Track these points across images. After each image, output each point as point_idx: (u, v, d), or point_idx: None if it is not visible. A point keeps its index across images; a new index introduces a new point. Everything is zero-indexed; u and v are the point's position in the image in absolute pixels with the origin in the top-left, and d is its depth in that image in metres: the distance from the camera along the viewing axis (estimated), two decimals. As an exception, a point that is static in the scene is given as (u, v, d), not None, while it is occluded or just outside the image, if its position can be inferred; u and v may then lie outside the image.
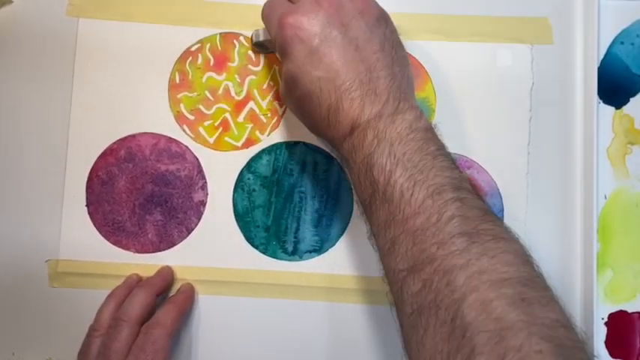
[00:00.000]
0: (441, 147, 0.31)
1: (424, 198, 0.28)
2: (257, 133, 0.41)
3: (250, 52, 0.41)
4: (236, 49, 0.41)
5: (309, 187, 0.40)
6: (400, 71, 0.33)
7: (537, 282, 0.27)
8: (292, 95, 0.34)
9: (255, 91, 0.41)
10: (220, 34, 0.41)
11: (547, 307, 0.26)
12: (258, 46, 0.40)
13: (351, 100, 0.31)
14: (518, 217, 0.40)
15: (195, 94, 0.41)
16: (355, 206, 0.40)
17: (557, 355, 0.24)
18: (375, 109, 0.31)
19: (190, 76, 0.41)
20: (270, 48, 0.40)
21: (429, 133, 0.31)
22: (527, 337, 0.24)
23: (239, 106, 0.41)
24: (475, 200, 0.29)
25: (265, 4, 0.36)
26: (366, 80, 0.31)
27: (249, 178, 0.40)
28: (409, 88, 0.34)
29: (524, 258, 0.28)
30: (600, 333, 0.39)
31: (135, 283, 0.38)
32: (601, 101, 0.41)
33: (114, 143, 0.40)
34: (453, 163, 0.31)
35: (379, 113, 0.31)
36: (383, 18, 0.34)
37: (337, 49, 0.32)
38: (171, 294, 0.39)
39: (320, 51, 0.32)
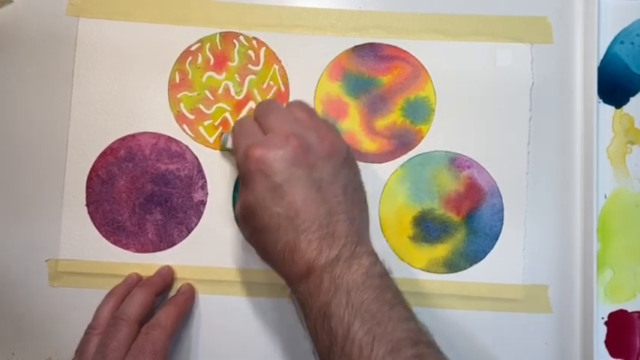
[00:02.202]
0: (397, 294, 0.31)
1: (383, 355, 0.28)
2: (257, 132, 0.41)
3: (250, 52, 0.41)
4: (236, 48, 0.41)
5: (309, 187, 0.40)
6: (359, 215, 0.33)
7: None
8: (248, 225, 0.33)
9: (255, 91, 0.41)
10: (220, 33, 0.41)
11: None
12: (227, 150, 0.39)
13: (309, 241, 0.31)
14: (518, 217, 0.40)
15: (195, 93, 0.41)
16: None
17: None
18: (332, 253, 0.31)
19: (190, 76, 0.41)
20: None
21: (385, 280, 0.31)
22: None
23: (239, 105, 0.41)
24: (434, 355, 0.29)
25: (237, 123, 0.36)
26: (326, 223, 0.31)
27: (249, 178, 0.40)
28: (366, 231, 0.34)
29: None
30: (600, 333, 0.39)
31: (135, 283, 0.38)
32: (601, 101, 0.41)
33: (114, 143, 0.40)
34: (410, 312, 0.31)
35: (336, 257, 0.31)
36: (349, 160, 0.34)
37: (300, 188, 0.31)
38: (171, 294, 0.39)
39: (282, 188, 0.31)
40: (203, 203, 0.40)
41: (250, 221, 0.33)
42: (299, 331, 0.39)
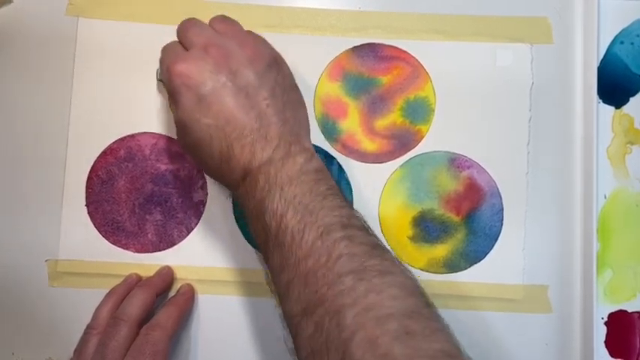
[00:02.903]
0: (331, 186, 0.32)
1: (314, 239, 0.29)
2: (257, 132, 0.40)
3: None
4: (236, 48, 0.41)
5: (308, 187, 0.40)
6: (292, 115, 0.33)
7: (423, 313, 0.27)
8: (184, 141, 0.34)
9: (255, 91, 0.41)
10: (220, 33, 0.41)
11: (431, 337, 0.26)
12: (161, 81, 0.39)
13: (242, 147, 0.32)
14: (518, 217, 0.40)
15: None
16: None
17: None
18: (265, 155, 0.31)
19: (190, 76, 0.41)
20: None
21: (320, 174, 0.32)
22: None
23: (239, 105, 0.41)
24: (364, 237, 0.30)
25: (162, 49, 0.36)
26: (257, 127, 0.32)
27: (248, 178, 0.40)
28: (302, 130, 0.34)
29: (410, 290, 0.28)
30: (600, 333, 0.39)
31: (134, 283, 0.38)
32: (601, 101, 0.41)
33: (113, 143, 0.40)
34: (343, 200, 0.31)
35: (270, 158, 0.31)
36: (275, 63, 0.34)
37: (226, 96, 0.32)
38: (171, 294, 0.39)
39: (208, 99, 0.32)
40: (203, 203, 0.40)
41: (184, 137, 0.33)
42: (299, 331, 0.39)
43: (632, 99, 0.41)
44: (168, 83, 0.33)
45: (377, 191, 0.40)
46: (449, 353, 0.26)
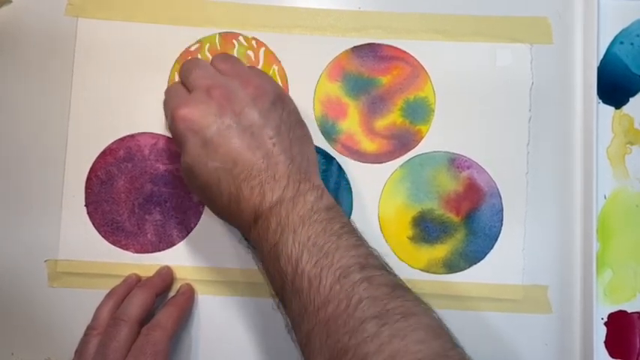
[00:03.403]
0: (345, 224, 0.31)
1: (332, 284, 0.28)
2: (256, 133, 0.40)
3: (250, 52, 0.41)
4: (235, 49, 0.41)
5: (308, 187, 0.40)
6: (300, 152, 0.33)
7: (450, 356, 0.27)
8: (193, 185, 0.34)
9: (255, 91, 0.41)
10: (219, 34, 0.41)
11: None
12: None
13: (251, 188, 0.31)
14: (518, 217, 0.40)
15: (195, 93, 0.41)
16: (355, 205, 0.40)
17: None
18: (275, 195, 0.31)
19: (190, 76, 0.41)
20: None
21: (332, 212, 0.31)
22: None
23: (238, 105, 0.41)
24: (383, 277, 0.29)
25: (165, 91, 0.36)
26: (264, 167, 0.31)
27: (248, 178, 0.40)
28: (310, 166, 0.33)
29: (436, 331, 0.28)
30: (600, 333, 0.39)
31: (134, 283, 0.38)
32: (600, 101, 0.40)
33: (113, 143, 0.40)
34: (358, 238, 0.30)
35: (280, 199, 0.31)
36: (279, 100, 0.34)
37: (232, 138, 0.31)
38: (170, 294, 0.39)
39: (214, 142, 0.31)
40: (202, 203, 0.40)
41: (192, 181, 0.33)
42: (298, 331, 0.39)
43: (632, 99, 0.41)
44: (173, 128, 0.33)
45: (377, 191, 0.40)
46: None
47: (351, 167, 0.40)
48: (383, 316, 0.27)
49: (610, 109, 0.41)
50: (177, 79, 0.40)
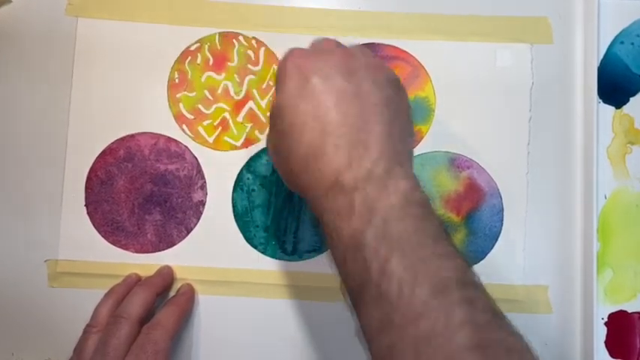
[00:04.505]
0: (439, 225, 0.27)
1: (427, 297, 0.24)
2: (256, 132, 0.40)
3: (250, 52, 0.41)
4: (235, 48, 0.41)
5: (308, 187, 0.40)
6: (400, 135, 0.29)
7: None
8: (274, 130, 0.30)
9: (255, 91, 0.41)
10: (219, 33, 0.41)
11: None
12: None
13: (336, 146, 0.27)
14: (518, 217, 0.40)
15: (195, 93, 0.41)
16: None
17: None
18: (363, 166, 0.27)
19: (189, 76, 0.41)
20: None
21: (427, 209, 0.27)
22: None
23: (238, 105, 0.41)
24: (484, 300, 0.25)
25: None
26: (356, 129, 0.27)
27: (248, 178, 0.40)
28: (408, 157, 0.29)
29: None
30: (600, 333, 0.39)
31: (134, 282, 0.38)
32: (601, 101, 0.40)
33: (113, 143, 0.40)
34: (455, 247, 0.26)
35: (369, 173, 0.27)
36: (397, 83, 0.31)
37: (335, 89, 0.28)
38: (171, 294, 0.39)
39: (316, 86, 0.28)
40: (202, 203, 0.40)
41: (277, 124, 0.29)
42: (299, 331, 0.39)
43: (632, 99, 0.41)
44: (282, 64, 0.30)
45: (377, 191, 0.40)
46: None
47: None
48: (486, 348, 0.23)
49: (610, 109, 0.41)
50: (177, 79, 0.41)
